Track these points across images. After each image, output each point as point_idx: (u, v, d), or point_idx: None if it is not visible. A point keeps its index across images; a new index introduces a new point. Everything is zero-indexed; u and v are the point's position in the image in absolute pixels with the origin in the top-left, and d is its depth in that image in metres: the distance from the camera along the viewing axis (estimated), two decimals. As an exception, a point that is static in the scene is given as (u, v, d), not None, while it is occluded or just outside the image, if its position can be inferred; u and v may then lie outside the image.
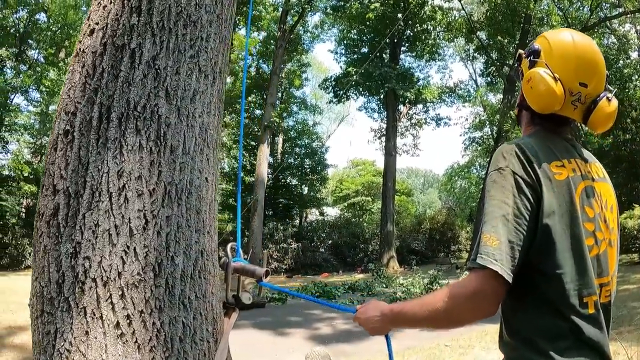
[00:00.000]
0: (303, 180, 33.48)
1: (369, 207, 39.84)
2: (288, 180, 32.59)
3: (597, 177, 1.55)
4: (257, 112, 32.89)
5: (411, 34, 28.22)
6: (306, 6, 26.08)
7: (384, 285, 15.13)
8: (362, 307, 1.68)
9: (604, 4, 22.51)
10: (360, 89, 28.76)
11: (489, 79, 30.30)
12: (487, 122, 30.48)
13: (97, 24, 1.88)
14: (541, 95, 1.49)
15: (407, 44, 29.46)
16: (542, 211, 1.36)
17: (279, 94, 31.52)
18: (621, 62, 23.46)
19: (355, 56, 29.48)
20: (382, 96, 28.98)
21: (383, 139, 29.25)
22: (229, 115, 32.49)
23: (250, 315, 9.48)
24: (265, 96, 27.86)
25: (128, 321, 1.66)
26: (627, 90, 22.10)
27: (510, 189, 1.38)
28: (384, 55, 28.78)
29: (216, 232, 2.09)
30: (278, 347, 6.72)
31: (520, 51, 1.71)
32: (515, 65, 1.80)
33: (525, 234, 1.34)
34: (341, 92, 28.25)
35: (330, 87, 28.72)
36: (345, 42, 30.38)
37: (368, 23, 26.00)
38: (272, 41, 30.00)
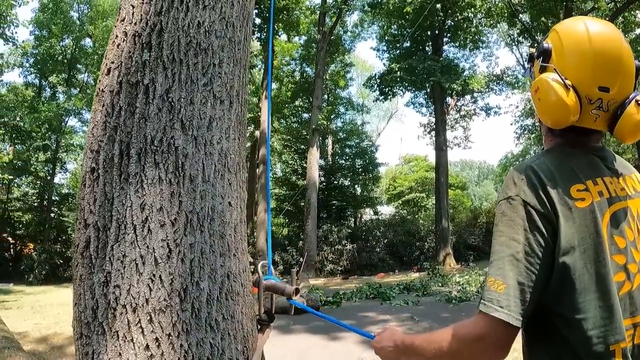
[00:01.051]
0: (355, 180, 33.48)
1: (423, 204, 39.38)
2: (340, 182, 32.63)
3: (634, 192, 1.35)
4: (305, 115, 33.16)
5: (452, 23, 27.64)
6: (343, 6, 26.05)
7: (440, 284, 14.90)
8: (379, 335, 1.59)
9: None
10: (406, 84, 28.41)
11: (536, 62, 29.18)
12: None
13: (112, 62, 1.99)
14: (551, 108, 1.28)
15: (448, 35, 28.85)
16: (559, 247, 1.20)
17: (325, 96, 31.68)
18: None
19: (398, 51, 29.17)
20: (428, 90, 28.59)
21: (433, 133, 28.85)
22: (277, 121, 32.95)
23: (304, 319, 9.57)
24: (311, 99, 28.05)
25: (157, 344, 1.75)
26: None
27: (520, 222, 1.22)
28: (426, 48, 28.45)
29: (245, 252, 2.16)
30: (331, 352, 6.78)
31: (531, 50, 1.50)
32: (528, 67, 1.54)
33: (538, 273, 1.20)
34: (386, 89, 28.07)
35: (376, 85, 28.53)
36: (386, 38, 30.10)
37: (407, 17, 25.63)
38: (313, 44, 30.17)
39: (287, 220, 34.41)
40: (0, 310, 9.09)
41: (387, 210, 37.83)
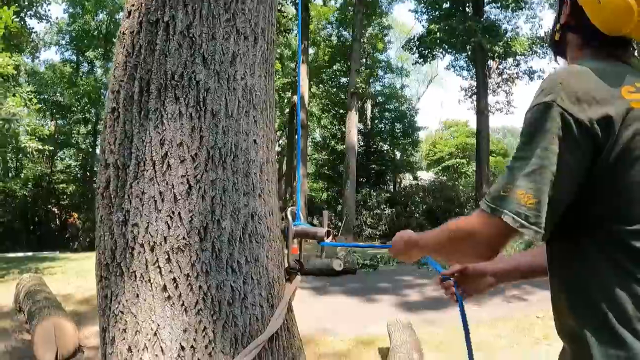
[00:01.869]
0: (395, 144, 33.04)
1: (463, 170, 38.70)
2: (379, 146, 32.22)
3: None
4: (343, 80, 32.68)
5: (493, -18, 26.43)
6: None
7: (479, 250, 14.61)
8: (393, 240, 1.66)
9: None
10: (446, 47, 27.46)
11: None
12: None
13: (132, 5, 1.90)
14: (615, 11, 1.16)
15: (489, -6, 27.62)
16: (612, 154, 1.09)
17: (363, 60, 31.09)
18: None
19: (437, 12, 28.09)
20: (469, 52, 27.61)
21: (474, 97, 28.00)
22: (315, 86, 32.63)
23: (341, 281, 9.56)
24: (349, 63, 27.52)
25: (174, 284, 1.66)
26: None
27: (556, 131, 1.10)
28: (466, 9, 27.31)
29: (272, 194, 2.03)
30: (365, 314, 6.73)
31: None
32: None
33: (571, 187, 1.12)
34: (426, 51, 27.25)
35: (415, 48, 27.69)
36: (424, -1, 29.08)
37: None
38: (349, 7, 29.47)
39: (325, 185, 34.43)
40: (46, 276, 9.40)
41: (426, 176, 37.25)
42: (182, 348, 1.64)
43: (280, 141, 40.84)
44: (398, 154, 33.99)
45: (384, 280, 9.71)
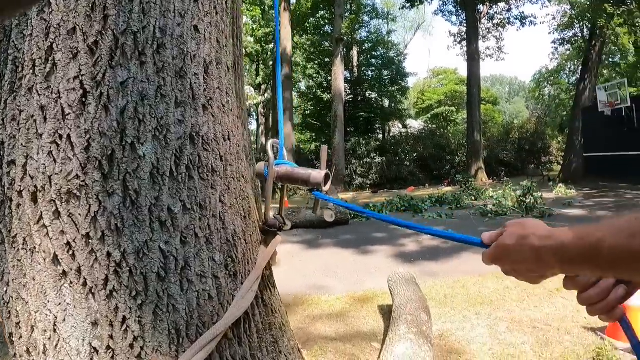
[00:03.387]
0: (382, 92, 32.14)
1: (453, 118, 38.18)
2: (367, 94, 31.37)
3: None
4: (327, 28, 31.46)
5: None
6: None
7: (473, 198, 14.16)
8: (496, 235, 0.88)
9: None
10: (436, -11, 26.44)
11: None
12: (578, 19, 27.09)
13: None
14: None
15: None
16: None
17: (348, 5, 29.85)
18: None
19: (426, -48, 26.91)
20: (459, -4, 26.60)
21: (464, 43, 27.07)
22: (299, 36, 31.40)
23: (333, 233, 9.03)
24: (333, 9, 26.31)
25: (70, 252, 1.03)
26: None
27: None
28: (458, -52, 26.15)
29: (230, 112, 1.36)
30: (360, 268, 6.18)
31: None
32: None
33: None
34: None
35: (402, -9, 26.66)
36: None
37: None
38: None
39: (314, 136, 33.71)
40: None
41: (415, 125, 36.67)
42: (95, 350, 1.04)
43: (266, 94, 39.79)
44: (386, 102, 33.16)
45: (379, 230, 9.17)
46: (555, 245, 0.72)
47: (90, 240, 1.03)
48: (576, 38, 29.33)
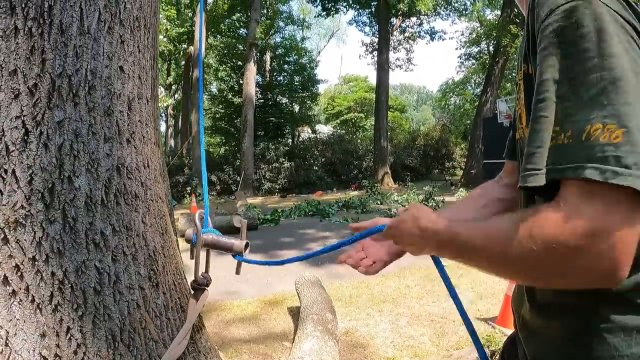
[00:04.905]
0: (293, 97, 32.52)
1: (362, 124, 39.28)
2: (278, 99, 31.61)
3: None
4: (242, 31, 31.41)
5: None
6: None
7: (379, 202, 14.82)
8: (395, 219, 1.10)
9: None
10: (350, 1, 27.23)
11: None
12: (484, 37, 29.01)
13: None
14: None
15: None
16: None
17: (264, 10, 29.99)
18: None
19: (342, -35, 27.66)
20: (372, 8, 27.54)
21: (375, 53, 28.08)
22: (212, 37, 31.11)
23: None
24: (249, 13, 26.36)
25: (18, 274, 1.18)
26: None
27: (619, 38, 0.73)
28: (374, -37, 27.12)
29: (149, 142, 1.54)
30: (270, 272, 6.39)
31: None
32: None
33: None
34: (329, 4, 26.80)
35: (318, 0, 27.17)
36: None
37: None
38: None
39: (223, 140, 33.47)
40: None
41: (325, 130, 37.44)
42: (44, 359, 1.19)
43: (176, 95, 38.95)
44: (297, 107, 33.62)
45: (287, 235, 9.43)
46: (437, 230, 0.95)
47: (36, 262, 1.18)
48: (481, 55, 31.29)
